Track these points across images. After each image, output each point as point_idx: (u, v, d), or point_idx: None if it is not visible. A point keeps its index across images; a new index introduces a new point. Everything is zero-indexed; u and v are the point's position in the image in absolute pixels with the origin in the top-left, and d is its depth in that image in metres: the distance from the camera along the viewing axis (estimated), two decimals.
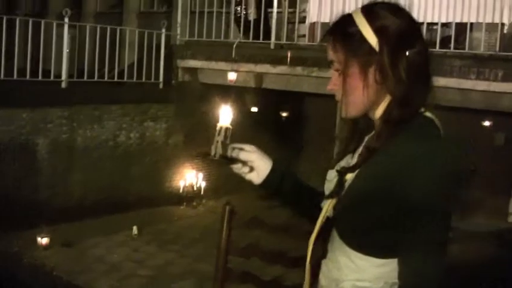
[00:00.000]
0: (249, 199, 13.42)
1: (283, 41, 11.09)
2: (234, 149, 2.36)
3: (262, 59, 11.09)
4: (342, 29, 2.05)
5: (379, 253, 1.99)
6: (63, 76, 10.81)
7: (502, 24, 9.37)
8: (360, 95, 2.01)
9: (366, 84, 1.99)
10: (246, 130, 13.59)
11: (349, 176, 2.05)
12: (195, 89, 12.54)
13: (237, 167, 2.39)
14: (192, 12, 12.79)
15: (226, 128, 2.38)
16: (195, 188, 12.42)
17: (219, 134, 2.35)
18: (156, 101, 12.01)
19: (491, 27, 9.76)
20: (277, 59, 10.83)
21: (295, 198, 2.50)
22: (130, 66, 11.92)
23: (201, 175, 12.59)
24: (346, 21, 2.06)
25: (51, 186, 10.41)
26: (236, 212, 3.55)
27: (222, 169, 13.06)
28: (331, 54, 2.09)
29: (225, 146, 2.35)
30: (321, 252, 2.25)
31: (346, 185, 2.05)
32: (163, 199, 11.92)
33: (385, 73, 1.95)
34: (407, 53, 1.95)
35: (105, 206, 10.81)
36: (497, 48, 9.27)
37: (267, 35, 11.22)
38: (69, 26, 10.93)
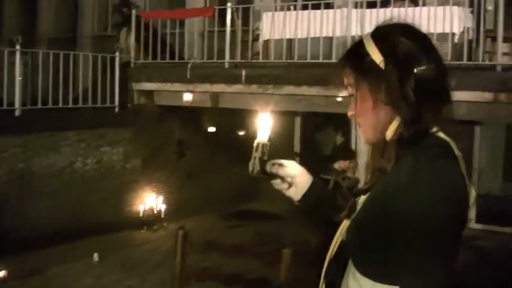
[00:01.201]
0: (210, 220, 13.41)
1: (238, 60, 11.08)
2: (273, 164, 2.34)
3: (217, 79, 11.08)
4: (352, 53, 2.06)
5: (383, 279, 1.92)
6: (17, 104, 10.65)
7: (453, 34, 9.47)
8: (371, 117, 1.99)
9: (376, 105, 1.96)
10: (204, 150, 13.65)
11: (362, 199, 2.03)
12: (152, 111, 12.47)
13: (276, 183, 2.37)
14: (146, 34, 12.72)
15: (264, 144, 2.38)
16: (155, 212, 12.32)
17: (256, 150, 2.35)
18: (112, 125, 11.91)
19: (443, 37, 9.87)
20: (232, 78, 10.83)
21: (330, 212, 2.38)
22: (85, 91, 11.80)
23: (160, 198, 12.50)
24: (356, 45, 2.07)
25: (8, 217, 10.21)
26: (189, 236, 3.49)
27: (181, 191, 13.06)
28: (345, 80, 2.08)
29: (262, 162, 2.34)
30: (333, 275, 2.18)
31: (358, 207, 2.03)
32: (123, 224, 11.78)
33: (392, 92, 1.91)
34: (415, 71, 1.91)
35: (65, 233, 10.65)
36: (449, 58, 9.38)
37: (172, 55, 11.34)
38: (22, 53, 10.80)
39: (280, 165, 2.34)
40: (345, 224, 2.09)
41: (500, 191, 15.32)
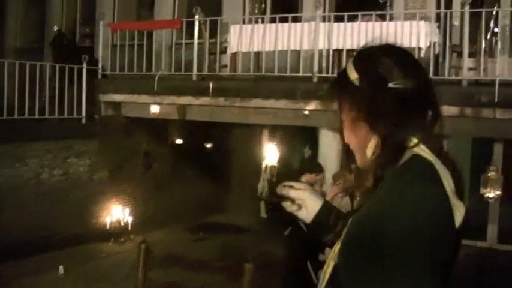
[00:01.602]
0: (177, 232, 13.37)
1: (205, 72, 11.08)
2: (284, 186, 2.30)
3: (184, 91, 11.06)
4: (336, 78, 2.05)
5: None
6: None
7: (420, 49, 9.57)
8: (354, 138, 1.98)
9: (355, 125, 1.94)
10: (172, 162, 13.61)
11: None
12: (119, 123, 12.42)
13: (286, 205, 2.33)
14: (113, 46, 12.67)
15: (272, 166, 2.39)
16: (122, 224, 12.25)
17: (265, 172, 2.36)
18: (79, 137, 11.84)
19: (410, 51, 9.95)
20: (199, 90, 10.82)
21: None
22: (52, 102, 11.70)
23: (127, 210, 12.45)
24: (341, 71, 2.06)
25: None
26: (153, 249, 3.49)
27: (148, 203, 13.01)
28: (335, 106, 2.05)
29: (271, 184, 2.33)
30: None
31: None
32: (90, 236, 11.69)
33: (366, 109, 1.88)
34: (390, 86, 1.85)
35: (30, 246, 10.50)
36: None
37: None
38: None
39: (291, 187, 2.29)
40: (336, 246, 2.03)
41: (467, 203, 15.45)
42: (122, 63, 11.89)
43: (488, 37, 10.42)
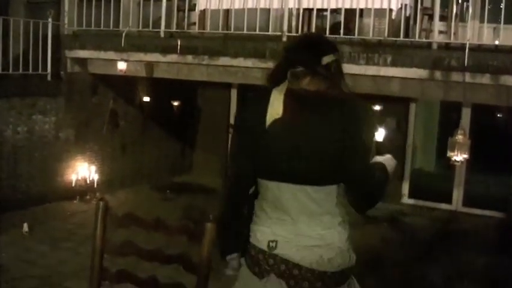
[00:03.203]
0: (143, 191, 13.31)
1: (173, 29, 10.92)
2: None
3: (152, 48, 10.90)
4: None
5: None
6: None
7: (391, 10, 9.49)
8: None
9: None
10: (139, 121, 13.48)
11: None
12: (85, 80, 12.25)
13: None
14: (80, 1, 12.41)
15: None
16: (88, 182, 12.12)
17: None
18: (45, 94, 11.62)
19: (380, 13, 9.89)
20: (167, 48, 10.67)
21: None
22: (16, 58, 11.46)
23: (93, 168, 12.32)
24: None
25: None
26: (111, 208, 3.41)
27: (115, 162, 12.90)
28: None
29: None
30: None
31: None
32: (55, 195, 11.60)
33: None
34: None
35: None
36: (386, 34, 9.41)
37: None
38: None
39: None
40: None
41: (434, 167, 15.59)
42: (89, 20, 11.66)
43: (460, 1, 10.38)
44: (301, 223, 2.93)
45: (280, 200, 2.96)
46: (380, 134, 3.33)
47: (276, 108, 2.92)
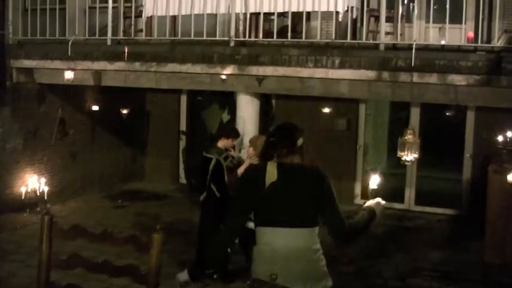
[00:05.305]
0: (95, 200, 13.17)
1: (120, 37, 10.81)
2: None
3: (99, 56, 10.76)
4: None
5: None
6: None
7: (337, 13, 9.52)
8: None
9: None
10: (88, 129, 13.33)
11: None
12: (32, 89, 12.07)
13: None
14: (25, 10, 12.22)
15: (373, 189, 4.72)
16: (38, 194, 11.92)
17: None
18: None
19: (327, 15, 9.93)
20: (114, 55, 10.54)
21: None
22: None
23: (43, 179, 12.13)
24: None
25: None
26: (55, 222, 3.34)
27: (65, 171, 12.73)
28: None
29: None
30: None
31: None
32: (4, 207, 11.40)
33: None
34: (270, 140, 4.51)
35: None
36: (334, 36, 9.44)
37: None
38: None
39: None
40: None
41: (386, 167, 15.72)
42: (34, 29, 11.46)
43: (406, 2, 10.47)
44: (292, 255, 4.13)
45: (275, 242, 4.15)
46: (374, 182, 4.74)
47: (272, 174, 4.19)
